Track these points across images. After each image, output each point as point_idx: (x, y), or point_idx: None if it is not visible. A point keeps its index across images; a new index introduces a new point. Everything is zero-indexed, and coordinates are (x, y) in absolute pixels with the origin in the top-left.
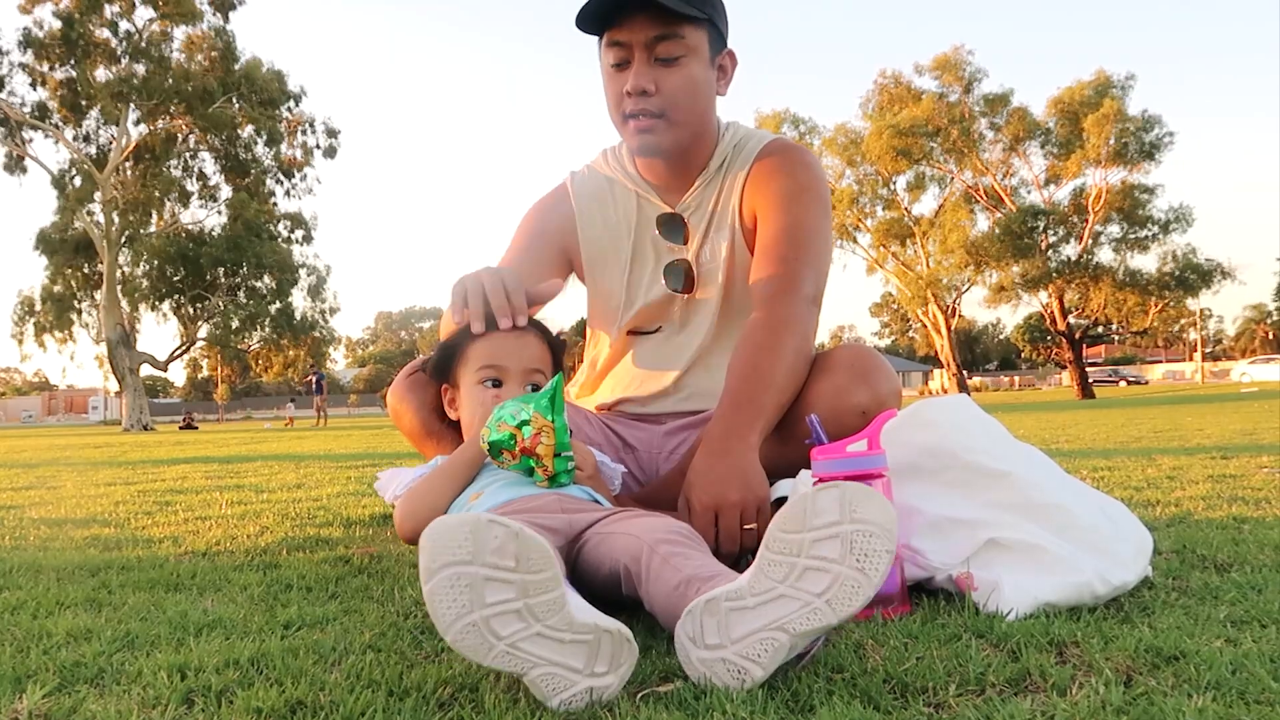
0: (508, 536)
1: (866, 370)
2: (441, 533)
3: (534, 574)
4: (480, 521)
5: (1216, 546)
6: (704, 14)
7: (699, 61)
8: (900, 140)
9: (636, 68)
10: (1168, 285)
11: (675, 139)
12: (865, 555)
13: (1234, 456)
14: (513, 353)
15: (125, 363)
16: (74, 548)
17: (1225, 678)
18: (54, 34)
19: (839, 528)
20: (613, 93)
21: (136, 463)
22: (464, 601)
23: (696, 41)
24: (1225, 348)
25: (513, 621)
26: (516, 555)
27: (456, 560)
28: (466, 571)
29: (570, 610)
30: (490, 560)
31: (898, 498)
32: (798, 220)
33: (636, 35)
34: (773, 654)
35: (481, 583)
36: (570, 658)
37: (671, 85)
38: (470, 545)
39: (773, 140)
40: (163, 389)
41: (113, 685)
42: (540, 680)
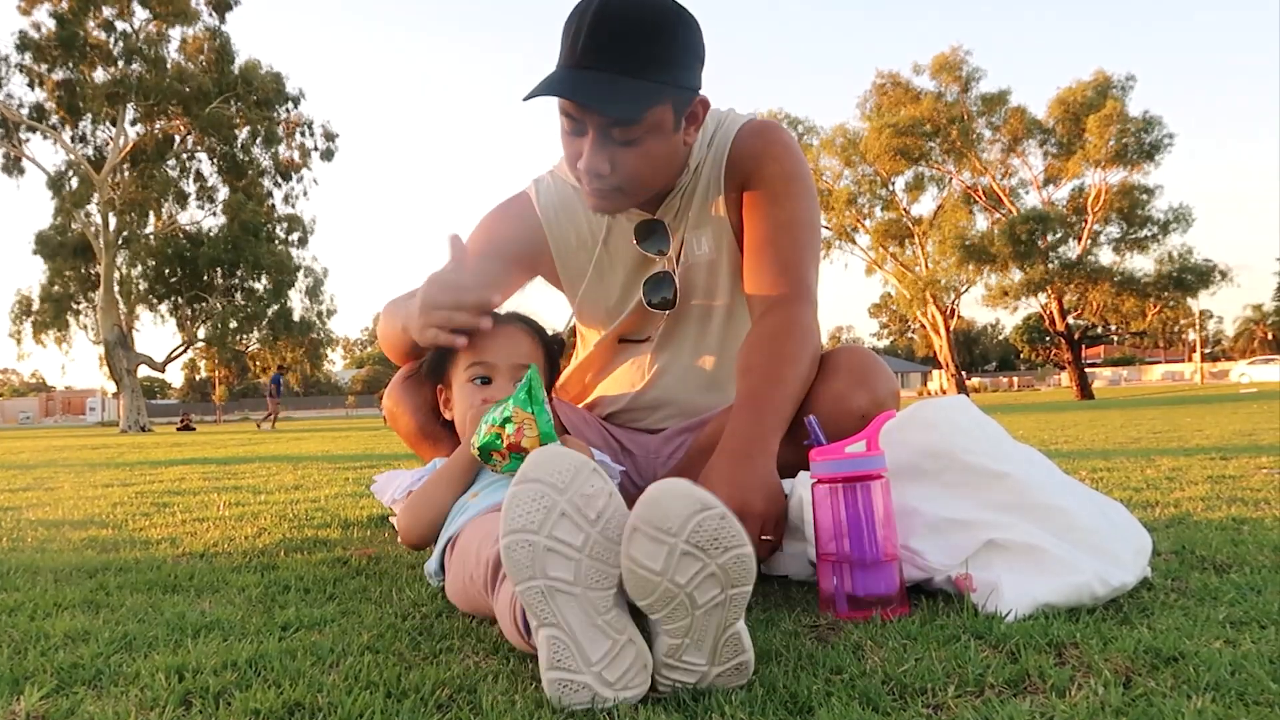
0: (603, 491)
1: (865, 373)
2: (549, 455)
3: (606, 539)
4: (588, 465)
5: (1215, 547)
6: (664, 84)
7: (661, 137)
8: (899, 140)
9: (590, 149)
10: (1165, 286)
11: (633, 202)
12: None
13: (1233, 457)
14: (501, 349)
15: (123, 364)
16: (71, 549)
17: (1224, 679)
18: (51, 35)
19: (670, 539)
20: (568, 154)
21: (134, 464)
22: (536, 519)
23: (657, 119)
24: (1224, 348)
25: (564, 568)
26: (601, 511)
27: (550, 481)
28: (552, 495)
29: (616, 597)
30: (577, 501)
31: (897, 499)
32: (791, 214)
33: (590, 119)
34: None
35: (559, 515)
36: (589, 641)
37: (629, 166)
38: (569, 476)
39: (746, 122)
40: (160, 390)
41: (110, 687)
42: (550, 642)
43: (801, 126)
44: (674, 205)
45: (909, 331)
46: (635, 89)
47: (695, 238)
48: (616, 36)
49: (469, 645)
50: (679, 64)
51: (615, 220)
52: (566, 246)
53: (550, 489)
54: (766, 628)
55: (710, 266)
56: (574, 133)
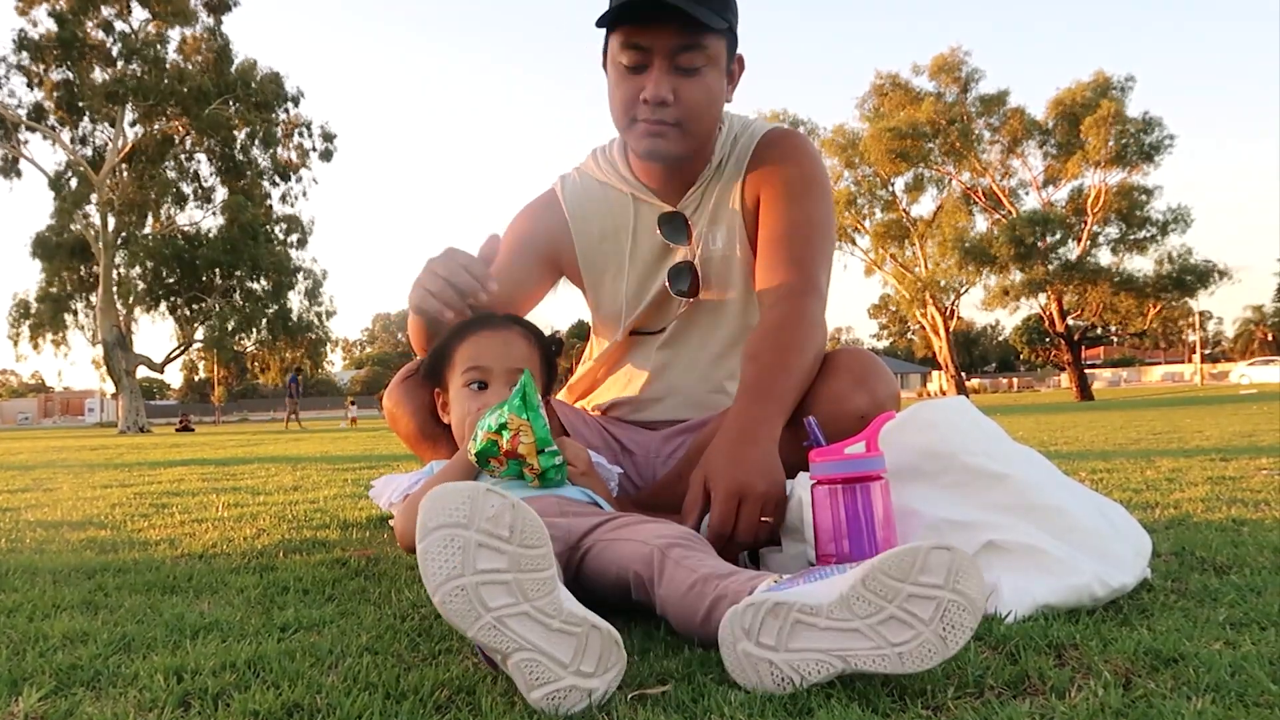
0: (505, 506)
1: (865, 374)
2: (440, 496)
3: (528, 549)
4: (479, 489)
5: (1215, 549)
6: (726, 22)
7: (717, 71)
8: (898, 142)
9: (657, 76)
10: (1165, 287)
11: (686, 148)
12: (952, 626)
13: (1233, 458)
14: (497, 353)
15: (121, 365)
16: (70, 550)
17: (1224, 680)
18: (50, 35)
19: (939, 592)
20: (623, 95)
21: (133, 465)
22: (455, 563)
23: (717, 51)
24: (1224, 349)
25: (502, 594)
26: (511, 526)
27: (452, 522)
28: (461, 534)
29: (560, 596)
30: (485, 527)
31: (896, 500)
32: (807, 215)
33: (660, 41)
34: (819, 676)
35: (475, 548)
36: (556, 648)
37: (691, 96)
38: (467, 509)
39: (771, 129)
40: (159, 391)
41: (109, 688)
42: (522, 665)
43: (803, 127)
44: (694, 199)
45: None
46: (708, 13)
47: (712, 233)
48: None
49: (468, 646)
50: (733, 11)
51: (639, 211)
52: (589, 239)
53: (456, 529)
54: None
55: (724, 261)
56: (635, 68)
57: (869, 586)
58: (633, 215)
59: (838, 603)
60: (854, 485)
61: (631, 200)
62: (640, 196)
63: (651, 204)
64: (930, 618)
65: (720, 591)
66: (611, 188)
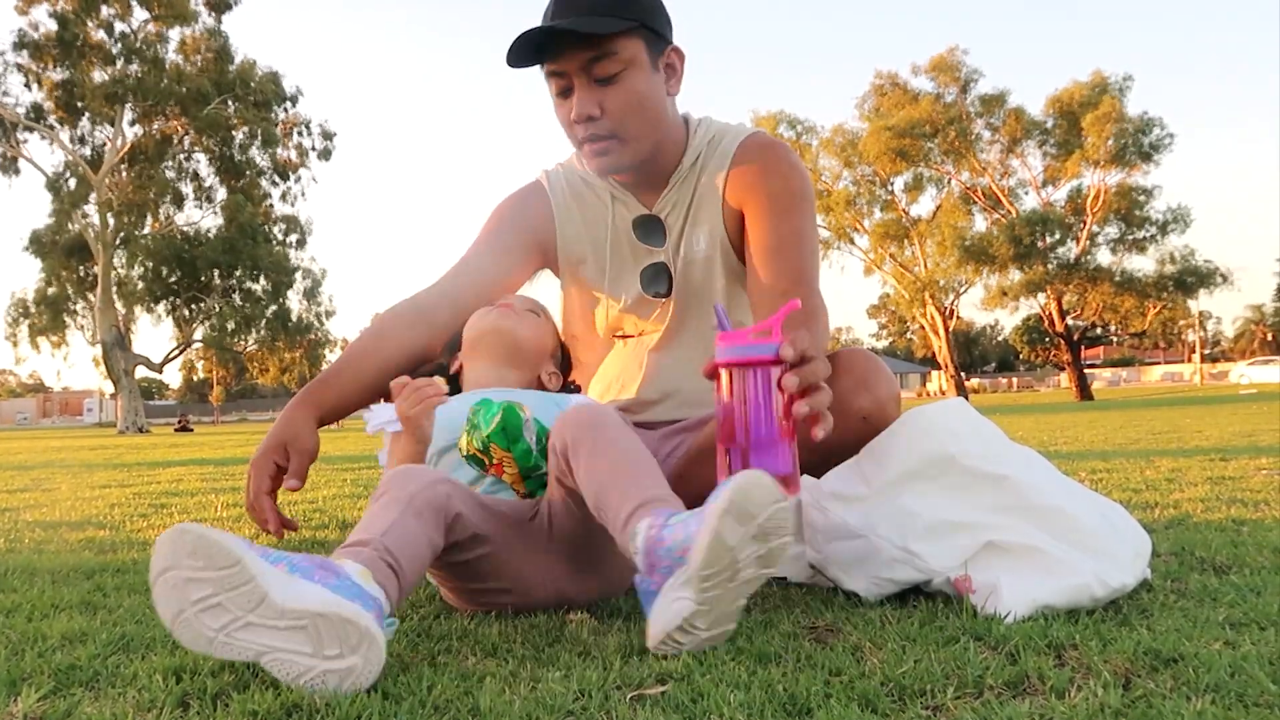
0: (195, 540)
1: (866, 375)
2: (156, 546)
3: (221, 570)
4: (174, 531)
5: (1215, 549)
6: (632, 21)
7: (640, 72)
8: (897, 141)
9: (578, 94)
10: (1165, 287)
11: (634, 155)
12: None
13: (1233, 458)
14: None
15: (120, 365)
16: (69, 550)
17: (1224, 680)
18: (49, 35)
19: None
20: (563, 121)
21: (132, 465)
22: (174, 601)
23: (632, 52)
24: (1224, 349)
25: (220, 615)
26: (206, 556)
27: (163, 567)
28: (171, 575)
29: (275, 599)
30: (187, 563)
31: (896, 502)
32: (796, 229)
33: (569, 63)
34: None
35: (183, 583)
36: (293, 643)
37: (616, 104)
38: (170, 552)
39: (751, 135)
40: (158, 391)
41: (108, 688)
42: (272, 665)
43: (800, 126)
44: (671, 199)
45: (908, 332)
46: (601, 20)
47: (694, 235)
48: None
49: (467, 647)
50: (642, 8)
51: (615, 211)
52: (571, 231)
53: (167, 572)
54: (765, 629)
55: (706, 263)
56: (562, 93)
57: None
58: (610, 214)
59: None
60: (754, 368)
61: (611, 198)
62: (617, 195)
63: (628, 204)
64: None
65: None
66: (592, 185)
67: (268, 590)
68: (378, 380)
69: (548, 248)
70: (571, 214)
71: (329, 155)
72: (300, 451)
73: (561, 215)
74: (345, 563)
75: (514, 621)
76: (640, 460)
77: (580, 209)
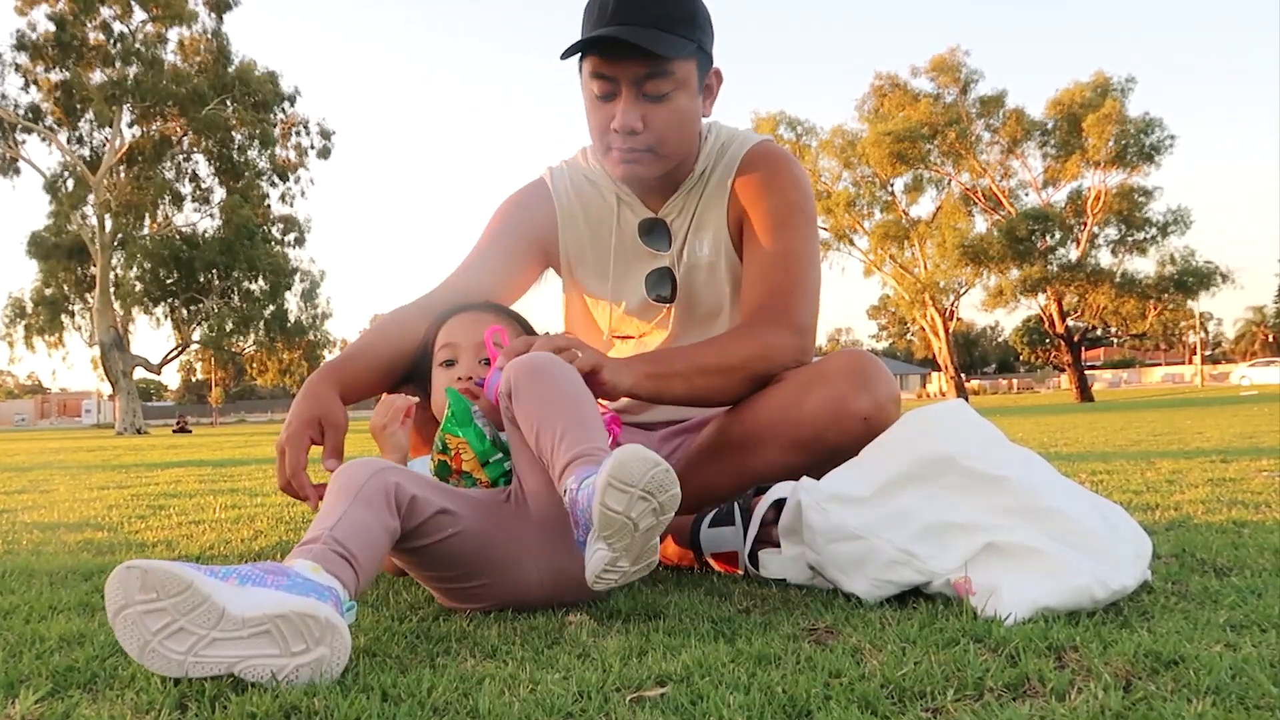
0: (142, 574)
1: (866, 377)
2: (106, 588)
3: (175, 597)
4: (120, 570)
5: (1216, 550)
6: (693, 42)
7: (687, 93)
8: (897, 144)
9: (624, 105)
10: (1166, 288)
11: (662, 169)
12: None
13: (1233, 460)
14: (465, 330)
15: (118, 366)
16: (67, 552)
17: (1225, 683)
18: (48, 36)
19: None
20: (597, 123)
21: (130, 466)
22: (137, 635)
23: (685, 74)
24: (1225, 350)
25: (183, 639)
26: (155, 588)
27: (117, 605)
28: (127, 612)
29: (233, 612)
30: (139, 598)
31: (895, 503)
32: (788, 247)
33: (625, 72)
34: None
35: (140, 617)
36: (259, 648)
37: (661, 122)
38: (121, 591)
39: (756, 145)
40: (156, 392)
41: (106, 690)
42: (248, 673)
43: (800, 128)
44: (678, 204)
45: (908, 333)
46: (670, 39)
47: (698, 240)
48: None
49: (466, 648)
50: (701, 28)
51: (620, 214)
52: (575, 232)
53: (124, 609)
54: (764, 631)
55: (710, 269)
56: (605, 97)
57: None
58: (615, 216)
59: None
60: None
61: (616, 199)
62: (624, 198)
63: (634, 207)
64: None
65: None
66: (597, 185)
67: (224, 605)
68: (392, 367)
69: (550, 249)
70: (575, 215)
71: (328, 154)
72: (334, 426)
73: (565, 217)
74: (295, 562)
75: (513, 623)
76: (575, 405)
77: (584, 210)
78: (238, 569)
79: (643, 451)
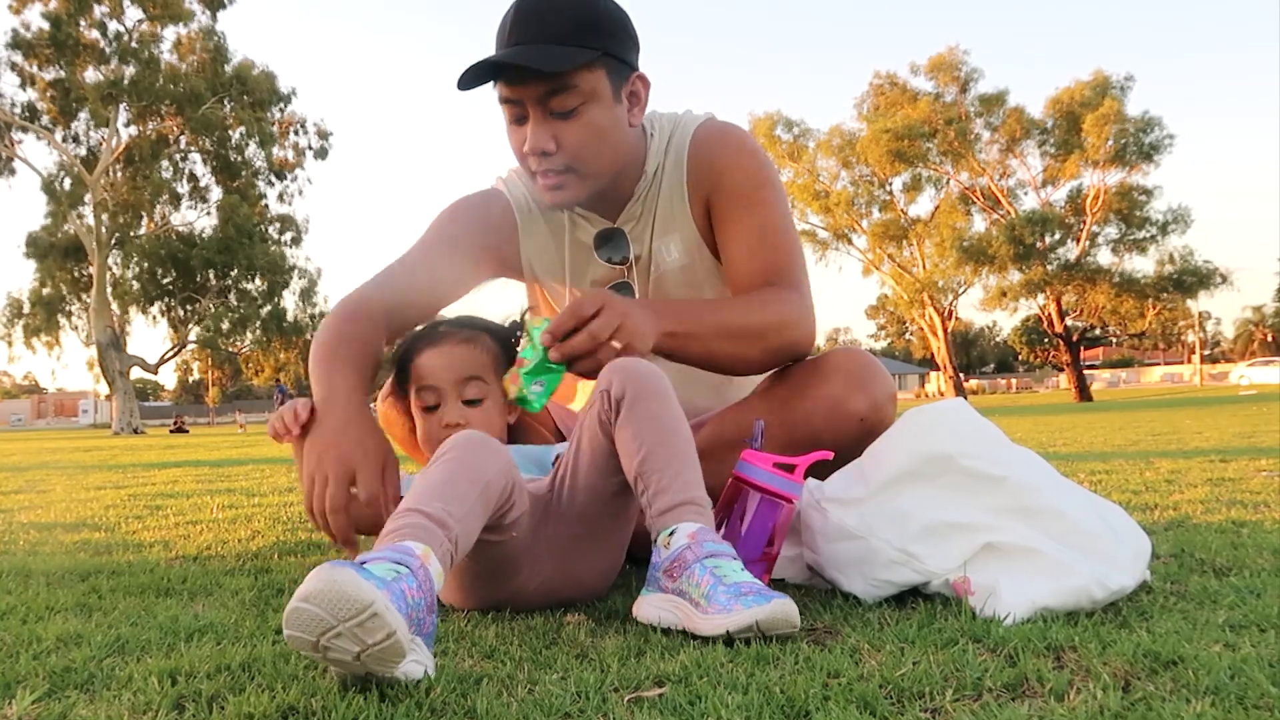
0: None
1: (864, 376)
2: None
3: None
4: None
5: (1215, 550)
6: (596, 50)
7: (600, 105)
8: (896, 142)
9: (532, 127)
10: (1165, 288)
11: (590, 189)
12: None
13: (1233, 460)
14: (442, 370)
15: (115, 365)
16: (64, 552)
17: (1224, 683)
18: (42, 35)
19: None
20: (515, 148)
21: (127, 466)
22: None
23: (593, 84)
24: (1224, 350)
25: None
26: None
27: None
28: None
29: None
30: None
31: (894, 503)
32: (765, 222)
33: (526, 93)
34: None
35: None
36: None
37: (573, 139)
38: (337, 620)
39: (700, 125)
40: (153, 392)
41: (103, 691)
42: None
43: (797, 129)
44: (635, 212)
45: (906, 333)
46: (563, 51)
47: (664, 245)
48: (542, 13)
49: (464, 649)
50: (607, 34)
51: (576, 227)
52: (537, 243)
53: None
54: None
55: (684, 271)
56: (516, 121)
57: None
58: (568, 228)
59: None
60: (768, 497)
61: (566, 214)
62: (577, 210)
63: (590, 219)
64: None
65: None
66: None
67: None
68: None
69: (507, 256)
70: (537, 225)
71: (325, 155)
72: (395, 465)
73: (525, 227)
74: (430, 562)
75: (511, 623)
76: (685, 441)
77: (545, 220)
78: (418, 622)
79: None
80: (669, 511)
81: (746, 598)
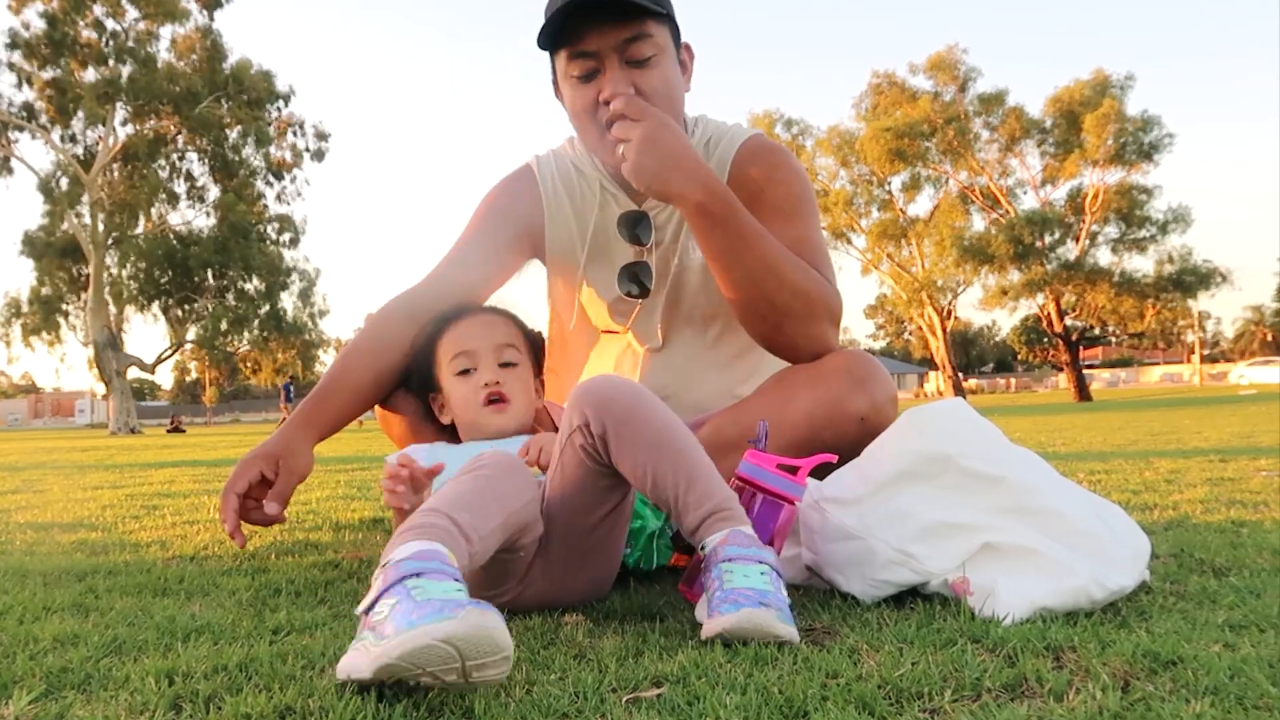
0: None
1: (863, 377)
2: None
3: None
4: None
5: (1214, 550)
6: (665, 10)
7: (670, 60)
8: (895, 141)
9: (611, 74)
10: (1165, 287)
11: None
12: None
13: (1232, 459)
14: (479, 334)
15: (112, 365)
16: (61, 552)
17: (1223, 683)
18: (40, 34)
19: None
20: (583, 104)
21: (124, 466)
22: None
23: (664, 39)
24: (1223, 350)
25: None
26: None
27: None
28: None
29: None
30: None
31: (893, 503)
32: (804, 234)
33: (606, 41)
34: None
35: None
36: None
37: (651, 86)
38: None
39: (750, 138)
40: (150, 392)
41: (100, 691)
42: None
43: (796, 128)
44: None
45: (905, 333)
46: (640, 2)
47: (692, 243)
48: None
49: None
50: (669, 2)
51: (603, 205)
52: (561, 221)
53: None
54: None
55: (705, 272)
56: (586, 76)
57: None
58: (598, 207)
59: None
60: (769, 498)
61: (600, 191)
62: (609, 189)
63: (618, 199)
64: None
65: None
66: (584, 174)
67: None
68: (375, 391)
69: (537, 238)
70: (562, 204)
71: (322, 156)
72: (291, 470)
73: (551, 206)
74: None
75: (509, 624)
76: (682, 447)
77: (570, 198)
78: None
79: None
80: (693, 533)
81: (734, 604)
